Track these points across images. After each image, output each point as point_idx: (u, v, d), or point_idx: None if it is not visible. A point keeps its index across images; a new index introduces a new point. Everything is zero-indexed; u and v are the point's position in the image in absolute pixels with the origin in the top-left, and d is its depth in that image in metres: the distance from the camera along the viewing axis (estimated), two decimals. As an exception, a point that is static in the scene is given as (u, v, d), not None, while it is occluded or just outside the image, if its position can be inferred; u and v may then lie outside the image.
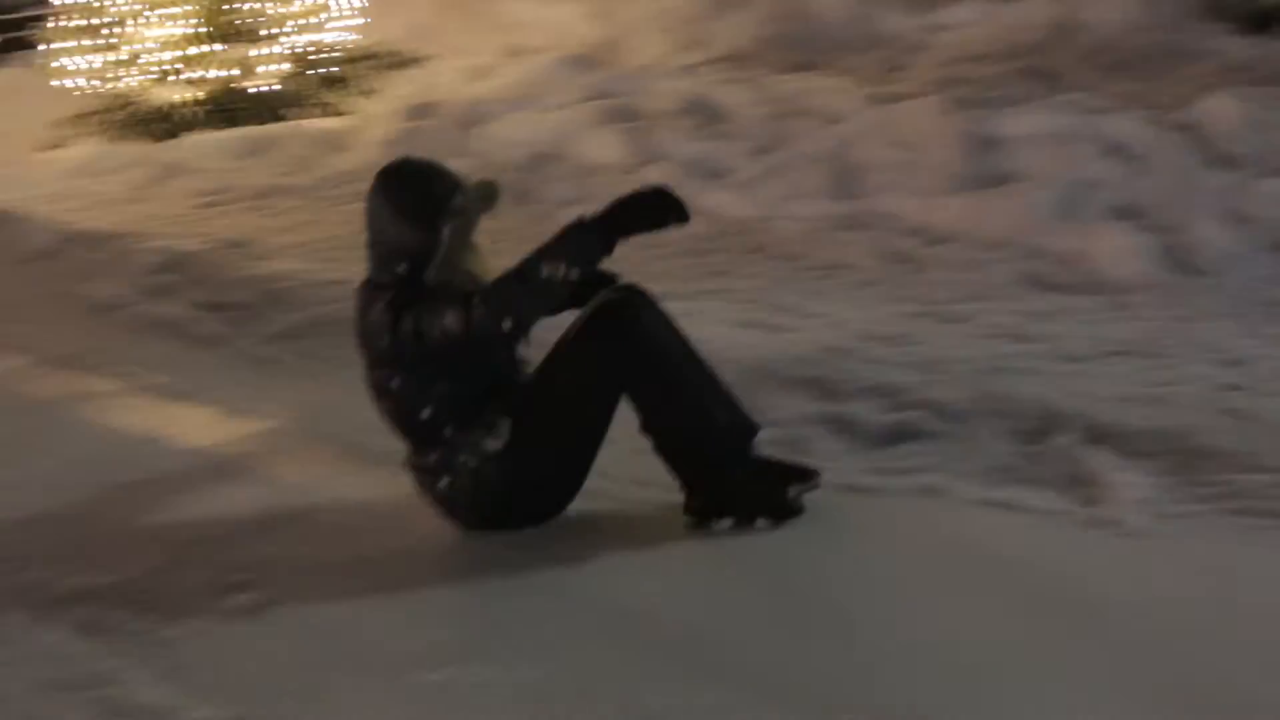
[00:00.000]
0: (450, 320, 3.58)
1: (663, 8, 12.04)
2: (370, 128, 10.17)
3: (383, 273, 3.82)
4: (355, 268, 4.05)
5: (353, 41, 11.83)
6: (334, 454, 4.77)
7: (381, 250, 3.83)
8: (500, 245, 7.25)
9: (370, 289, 3.83)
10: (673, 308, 5.75)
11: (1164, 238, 6.05)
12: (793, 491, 3.85)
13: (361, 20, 11.91)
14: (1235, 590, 3.43)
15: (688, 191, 7.55)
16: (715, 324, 5.48)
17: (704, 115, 8.90)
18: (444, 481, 3.86)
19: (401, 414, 3.85)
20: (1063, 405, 4.44)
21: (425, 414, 3.80)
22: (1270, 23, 9.80)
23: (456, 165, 3.96)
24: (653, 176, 7.95)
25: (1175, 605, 3.36)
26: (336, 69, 11.53)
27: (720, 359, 5.03)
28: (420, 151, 8.92)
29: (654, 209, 3.68)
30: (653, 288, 6.16)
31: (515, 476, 3.80)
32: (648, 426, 3.84)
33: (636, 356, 3.78)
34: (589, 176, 8.30)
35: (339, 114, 11.09)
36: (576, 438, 3.85)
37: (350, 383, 4.17)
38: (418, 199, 3.80)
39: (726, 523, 3.83)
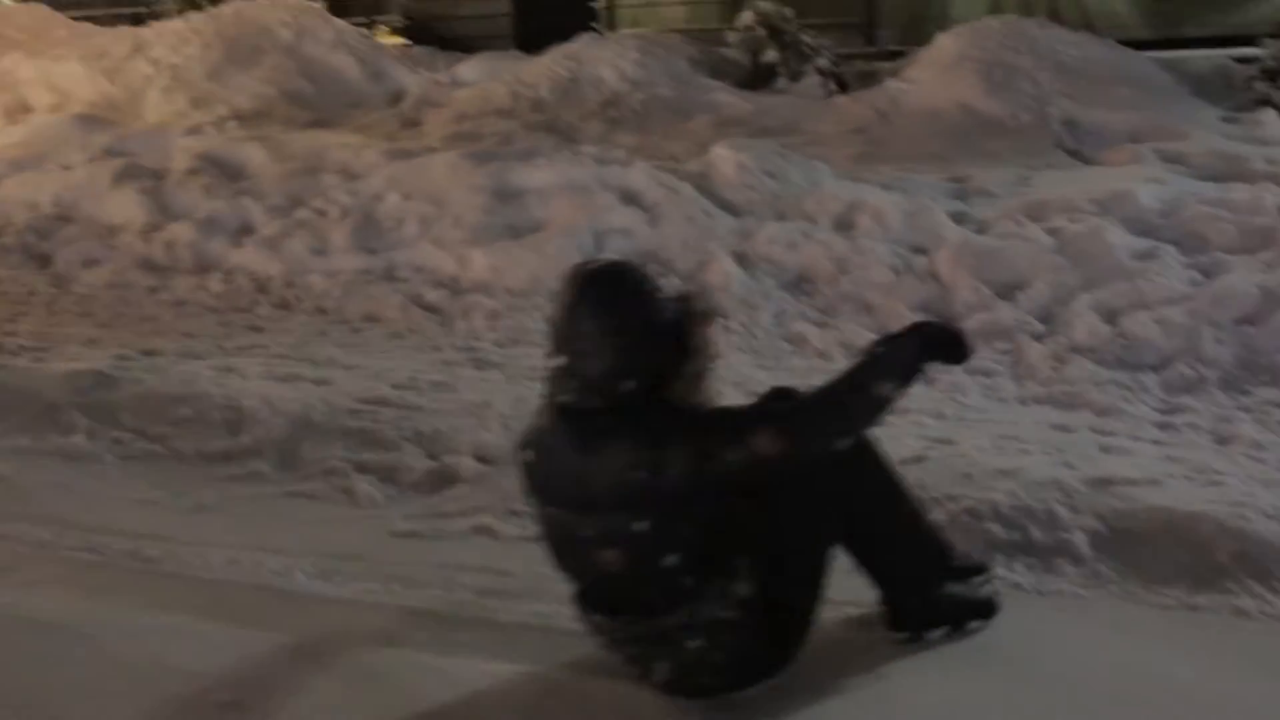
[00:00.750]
0: (764, 443, 3.02)
1: (170, 65, 11.78)
2: None
3: (592, 397, 3.09)
4: None
5: None
6: None
7: (595, 370, 3.07)
8: (23, 308, 7.01)
9: (576, 418, 3.13)
10: (209, 365, 5.73)
11: (684, 282, 6.32)
12: (984, 586, 3.58)
13: None
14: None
15: (212, 251, 7.60)
16: (255, 380, 5.43)
17: (221, 173, 8.76)
18: (695, 644, 3.16)
19: (640, 564, 3.13)
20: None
21: (670, 561, 3.11)
22: (764, 79, 10.43)
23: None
24: (174, 234, 7.80)
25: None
26: None
27: (264, 414, 5.02)
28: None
29: (952, 344, 3.25)
30: (187, 346, 6.12)
31: (772, 622, 3.23)
32: (866, 550, 3.41)
33: (865, 481, 3.35)
34: (108, 236, 8.05)
35: None
36: (816, 567, 3.30)
37: None
38: (660, 306, 3.13)
39: (940, 631, 3.47)
